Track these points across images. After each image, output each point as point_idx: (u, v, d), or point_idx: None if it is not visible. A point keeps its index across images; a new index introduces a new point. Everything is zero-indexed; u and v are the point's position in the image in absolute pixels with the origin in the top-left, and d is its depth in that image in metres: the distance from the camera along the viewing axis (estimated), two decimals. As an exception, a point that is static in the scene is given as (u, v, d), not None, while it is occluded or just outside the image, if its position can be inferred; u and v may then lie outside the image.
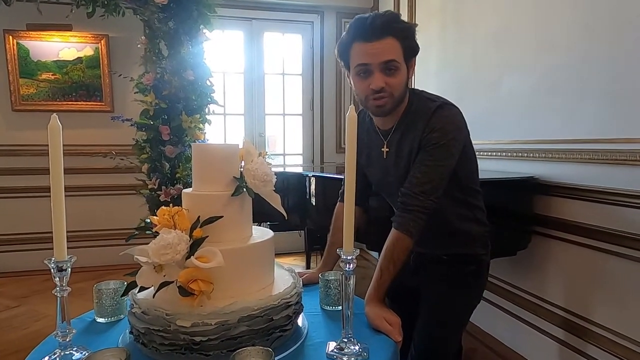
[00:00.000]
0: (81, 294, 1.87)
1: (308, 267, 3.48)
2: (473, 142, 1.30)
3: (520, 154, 2.28)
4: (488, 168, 2.46)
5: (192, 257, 0.86)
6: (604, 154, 1.80)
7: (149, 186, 2.51)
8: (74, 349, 0.90)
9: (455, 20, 2.90)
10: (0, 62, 3.58)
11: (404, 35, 1.14)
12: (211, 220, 0.93)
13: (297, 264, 4.01)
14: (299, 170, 3.81)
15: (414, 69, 1.22)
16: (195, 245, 0.89)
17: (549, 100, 2.09)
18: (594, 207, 1.86)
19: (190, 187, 1.05)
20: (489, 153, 2.50)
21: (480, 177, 1.36)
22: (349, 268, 0.90)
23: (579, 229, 1.92)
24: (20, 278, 3.55)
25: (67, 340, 0.89)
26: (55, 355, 0.88)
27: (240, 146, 1.04)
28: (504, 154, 2.40)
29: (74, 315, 1.13)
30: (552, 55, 2.07)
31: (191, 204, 0.98)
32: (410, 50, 1.17)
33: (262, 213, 1.23)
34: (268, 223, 3.38)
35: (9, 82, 3.61)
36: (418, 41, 1.19)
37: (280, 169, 4.29)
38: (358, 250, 0.91)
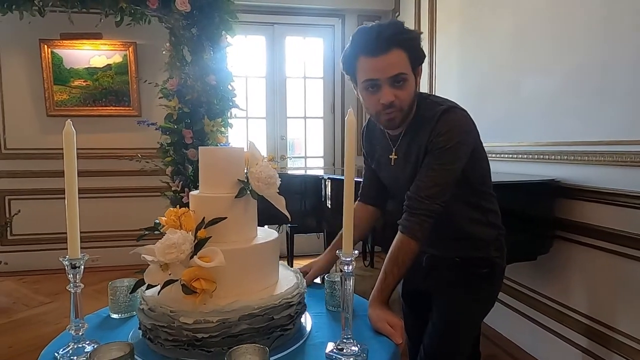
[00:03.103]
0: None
1: (328, 269, 3.49)
2: (494, 144, 1.28)
3: (541, 157, 2.22)
4: (509, 171, 2.40)
5: (195, 256, 0.90)
6: (628, 156, 1.73)
7: (173, 188, 2.59)
8: (87, 342, 0.95)
9: (475, 23, 2.84)
10: (36, 70, 3.77)
11: (410, 45, 1.13)
12: (215, 221, 0.96)
13: (318, 266, 4.01)
14: (320, 172, 3.83)
15: (420, 75, 1.21)
16: (199, 245, 0.92)
17: (570, 101, 2.03)
18: (619, 211, 1.79)
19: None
20: (510, 155, 2.44)
21: (500, 179, 1.33)
22: (348, 269, 0.91)
23: (603, 233, 1.86)
24: (55, 275, 3.69)
25: (80, 334, 0.94)
26: (69, 348, 0.93)
27: (246, 150, 1.07)
28: (525, 156, 2.34)
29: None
30: (573, 55, 2.01)
31: (197, 206, 1.01)
32: (417, 59, 1.15)
33: (280, 216, 1.24)
34: (288, 225, 3.43)
35: (44, 89, 3.79)
36: (439, 45, 1.18)
37: (302, 172, 4.34)
38: (357, 252, 0.92)
